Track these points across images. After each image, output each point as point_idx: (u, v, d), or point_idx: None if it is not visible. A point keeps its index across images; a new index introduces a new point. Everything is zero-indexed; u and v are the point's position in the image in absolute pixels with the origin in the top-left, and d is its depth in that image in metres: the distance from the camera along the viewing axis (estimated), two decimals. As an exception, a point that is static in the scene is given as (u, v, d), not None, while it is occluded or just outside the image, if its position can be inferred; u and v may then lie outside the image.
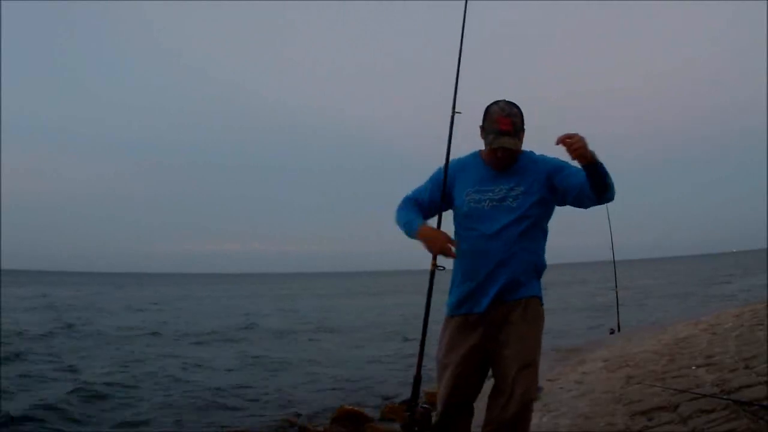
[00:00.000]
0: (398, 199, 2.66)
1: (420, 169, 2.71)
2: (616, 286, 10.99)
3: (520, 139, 2.40)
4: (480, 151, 2.53)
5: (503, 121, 2.34)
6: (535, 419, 4.35)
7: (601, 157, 2.20)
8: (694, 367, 4.83)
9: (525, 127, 2.42)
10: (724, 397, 3.54)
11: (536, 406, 4.76)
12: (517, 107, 2.40)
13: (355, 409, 7.21)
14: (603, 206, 2.57)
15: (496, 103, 2.41)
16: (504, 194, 2.41)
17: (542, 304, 2.50)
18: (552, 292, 33.90)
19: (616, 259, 10.82)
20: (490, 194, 2.42)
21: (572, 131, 2.16)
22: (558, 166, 2.43)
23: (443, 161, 2.53)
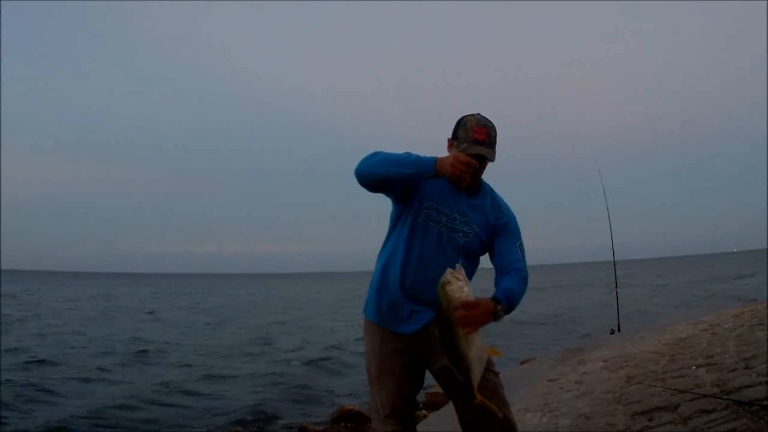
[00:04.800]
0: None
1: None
2: (616, 286, 10.95)
3: (493, 158, 2.23)
4: None
5: (479, 131, 2.20)
6: (535, 419, 4.37)
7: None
8: (694, 367, 4.83)
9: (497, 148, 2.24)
10: (724, 397, 3.54)
11: (536, 405, 4.79)
12: (492, 124, 2.25)
13: (356, 408, 7.21)
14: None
15: (471, 114, 2.27)
16: (456, 226, 2.26)
17: None
18: (552, 292, 33.89)
19: (616, 259, 10.79)
20: (445, 219, 2.26)
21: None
22: (507, 230, 2.30)
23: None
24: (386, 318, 2.32)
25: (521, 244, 2.32)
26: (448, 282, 1.95)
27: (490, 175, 2.33)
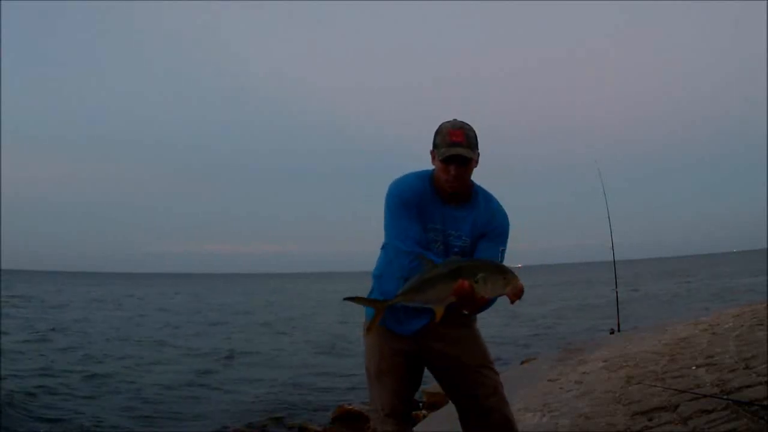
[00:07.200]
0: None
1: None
2: (616, 286, 10.96)
3: (475, 157, 2.21)
4: (430, 176, 2.29)
5: (454, 133, 2.18)
6: (535, 419, 4.37)
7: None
8: (694, 367, 4.83)
9: (479, 150, 2.24)
10: (724, 397, 3.54)
11: (536, 405, 4.79)
12: (469, 125, 2.24)
13: (355, 408, 7.21)
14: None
15: (446, 121, 2.26)
16: (450, 241, 2.28)
17: None
18: (553, 292, 33.90)
19: (616, 259, 10.80)
20: (442, 237, 2.27)
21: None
22: (494, 233, 2.29)
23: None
24: (386, 318, 2.33)
25: (504, 251, 2.32)
26: (507, 278, 2.00)
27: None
